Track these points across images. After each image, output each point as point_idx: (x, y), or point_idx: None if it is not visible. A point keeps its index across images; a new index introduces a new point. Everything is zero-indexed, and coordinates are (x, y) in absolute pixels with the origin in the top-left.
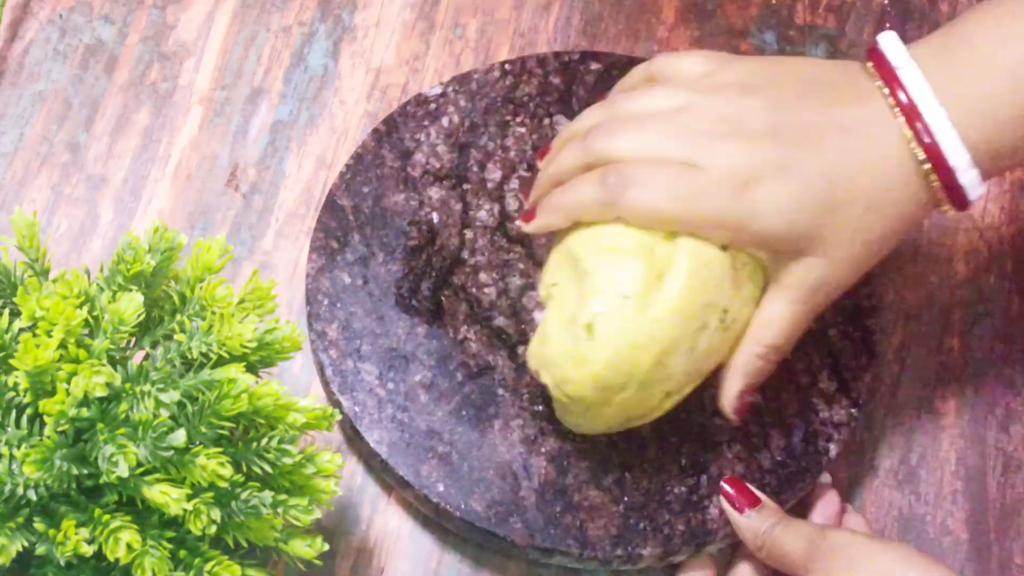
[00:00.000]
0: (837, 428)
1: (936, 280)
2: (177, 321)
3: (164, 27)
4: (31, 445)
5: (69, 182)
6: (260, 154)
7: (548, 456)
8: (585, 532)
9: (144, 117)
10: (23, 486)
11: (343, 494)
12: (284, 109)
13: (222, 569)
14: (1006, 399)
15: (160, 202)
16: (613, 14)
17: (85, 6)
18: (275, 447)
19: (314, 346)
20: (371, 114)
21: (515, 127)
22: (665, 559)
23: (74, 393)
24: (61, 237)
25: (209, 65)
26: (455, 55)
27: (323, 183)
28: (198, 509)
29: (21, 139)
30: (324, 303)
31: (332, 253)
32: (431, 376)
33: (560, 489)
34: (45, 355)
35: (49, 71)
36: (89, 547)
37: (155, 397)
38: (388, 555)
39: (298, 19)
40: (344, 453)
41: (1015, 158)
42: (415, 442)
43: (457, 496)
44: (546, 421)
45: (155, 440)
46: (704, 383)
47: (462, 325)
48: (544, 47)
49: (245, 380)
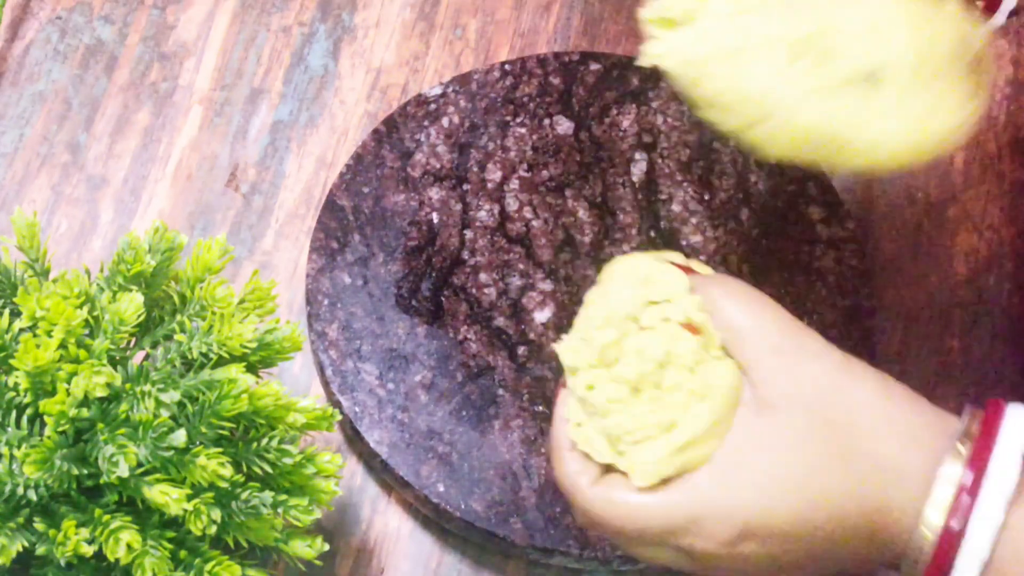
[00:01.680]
0: None
1: (936, 280)
2: (177, 321)
3: (164, 27)
4: (31, 445)
5: (69, 182)
6: (260, 154)
7: (548, 456)
8: (585, 532)
9: (144, 117)
10: (23, 486)
11: (343, 494)
12: (284, 109)
13: (222, 569)
14: (1006, 399)
15: (160, 202)
16: (613, 14)
17: (85, 6)
18: (275, 447)
19: (314, 346)
20: (371, 114)
21: (515, 127)
22: None
23: (74, 393)
24: (61, 237)
25: (209, 65)
26: (455, 55)
27: (323, 183)
28: (198, 509)
29: (21, 139)
30: (324, 303)
31: (332, 253)
32: (431, 376)
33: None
34: (45, 355)
35: (49, 71)
36: (89, 547)
37: (155, 397)
38: (388, 555)
39: (298, 19)
40: (344, 453)
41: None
42: (415, 442)
43: (457, 496)
44: (546, 421)
45: (155, 440)
46: None
47: (462, 325)
48: (544, 47)
49: (245, 380)
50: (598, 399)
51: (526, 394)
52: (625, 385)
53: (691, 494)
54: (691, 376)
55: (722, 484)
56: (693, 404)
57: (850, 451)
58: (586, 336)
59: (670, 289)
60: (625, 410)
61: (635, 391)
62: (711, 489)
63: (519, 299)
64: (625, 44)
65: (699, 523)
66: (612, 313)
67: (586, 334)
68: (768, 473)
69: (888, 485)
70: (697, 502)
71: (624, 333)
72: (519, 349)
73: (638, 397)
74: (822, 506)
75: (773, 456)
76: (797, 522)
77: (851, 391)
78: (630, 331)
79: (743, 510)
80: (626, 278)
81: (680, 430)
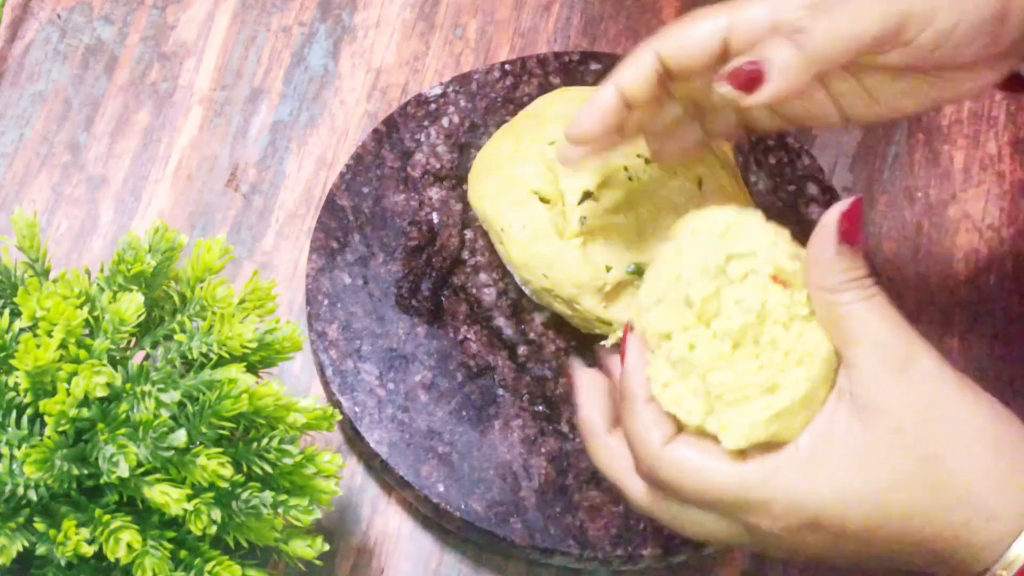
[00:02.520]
0: None
1: (936, 280)
2: (177, 321)
3: (164, 27)
4: (31, 445)
5: (69, 182)
6: (260, 154)
7: (548, 456)
8: (585, 532)
9: (144, 117)
10: (23, 486)
11: (343, 494)
12: (284, 109)
13: (222, 569)
14: (1006, 399)
15: (160, 202)
16: (613, 14)
17: (85, 6)
18: (275, 447)
19: (314, 346)
20: (371, 114)
21: None
22: (665, 559)
23: (74, 393)
24: (61, 237)
25: (209, 65)
26: (455, 55)
27: (323, 183)
28: (198, 509)
29: (21, 139)
30: (324, 303)
31: (332, 253)
32: (431, 376)
33: (560, 489)
34: (46, 355)
35: (49, 71)
36: (89, 547)
37: (155, 397)
38: (388, 555)
39: (298, 19)
40: (344, 453)
41: None
42: (415, 442)
43: (457, 496)
44: (546, 421)
45: (155, 440)
46: None
47: (462, 325)
48: (544, 47)
49: (245, 380)
50: (701, 357)
51: (526, 394)
52: (728, 340)
53: (771, 475)
54: (785, 334)
55: (804, 473)
56: (790, 367)
57: (943, 479)
58: (670, 294)
59: (753, 240)
60: (729, 367)
61: (736, 346)
62: (791, 474)
63: (519, 299)
64: (625, 44)
65: (770, 505)
66: (705, 265)
67: (671, 292)
68: (853, 475)
69: (973, 520)
70: (774, 485)
71: (719, 286)
72: (519, 349)
73: (739, 353)
74: (897, 522)
75: (863, 460)
76: (868, 528)
77: (959, 420)
78: (724, 284)
79: (818, 504)
80: (703, 232)
81: (781, 394)
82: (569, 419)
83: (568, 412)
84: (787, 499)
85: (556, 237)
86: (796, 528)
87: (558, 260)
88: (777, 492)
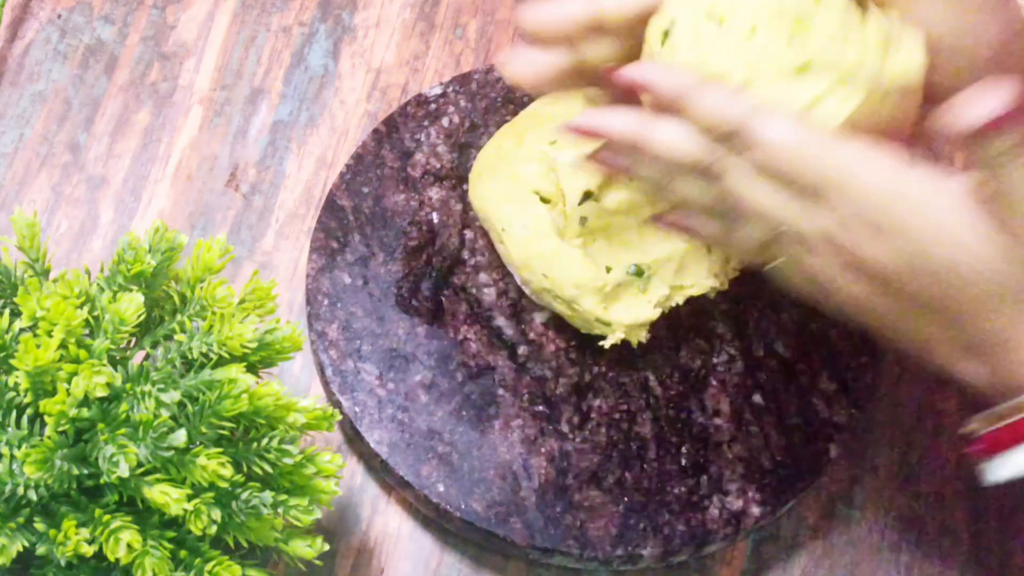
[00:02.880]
0: (837, 428)
1: None
2: (177, 321)
3: (164, 27)
4: (31, 445)
5: (69, 182)
6: (260, 154)
7: (548, 456)
8: (585, 532)
9: (144, 117)
10: (23, 486)
11: (343, 494)
12: (284, 109)
13: (222, 569)
14: None
15: (160, 202)
16: None
17: (85, 6)
18: (275, 447)
19: (314, 346)
20: (371, 114)
21: None
22: (665, 559)
23: (74, 393)
24: (61, 237)
25: (209, 65)
26: (455, 55)
27: (323, 183)
28: (198, 509)
29: (21, 139)
30: (324, 303)
31: (332, 253)
32: (431, 376)
33: (560, 489)
34: (45, 355)
35: (49, 71)
36: (89, 547)
37: (155, 397)
38: (388, 555)
39: (298, 19)
40: (344, 453)
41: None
42: (415, 442)
43: (457, 496)
44: (546, 421)
45: (155, 440)
46: (699, 387)
47: (462, 325)
48: None
49: (245, 380)
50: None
51: (526, 394)
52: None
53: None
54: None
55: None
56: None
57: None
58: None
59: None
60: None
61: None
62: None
63: (519, 299)
64: None
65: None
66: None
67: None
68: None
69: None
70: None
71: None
72: (519, 349)
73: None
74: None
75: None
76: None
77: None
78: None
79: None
80: None
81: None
82: (569, 419)
83: (568, 412)
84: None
85: (556, 237)
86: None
87: (558, 260)
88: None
